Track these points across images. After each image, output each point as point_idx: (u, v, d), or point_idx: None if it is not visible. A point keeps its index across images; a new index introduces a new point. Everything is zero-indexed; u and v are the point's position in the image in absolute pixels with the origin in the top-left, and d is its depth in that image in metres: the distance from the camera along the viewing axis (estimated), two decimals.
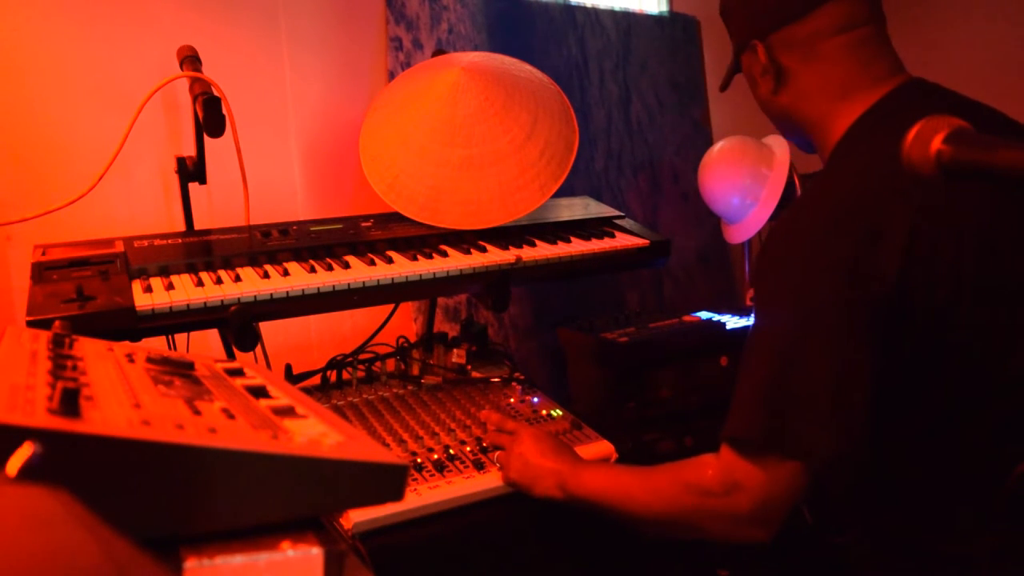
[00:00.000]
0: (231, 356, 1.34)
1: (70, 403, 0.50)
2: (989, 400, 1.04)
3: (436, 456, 1.22)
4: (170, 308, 1.13)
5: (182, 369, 0.74)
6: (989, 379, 1.02)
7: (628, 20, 2.40)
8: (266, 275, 1.25)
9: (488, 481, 1.19)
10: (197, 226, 1.51)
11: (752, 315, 1.11)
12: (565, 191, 1.60)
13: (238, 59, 1.78)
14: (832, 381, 0.96)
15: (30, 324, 1.01)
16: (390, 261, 1.35)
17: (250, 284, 1.21)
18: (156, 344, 1.15)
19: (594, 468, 1.18)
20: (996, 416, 1.05)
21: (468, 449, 1.25)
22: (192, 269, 1.27)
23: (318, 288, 1.23)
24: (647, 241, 1.57)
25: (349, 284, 1.25)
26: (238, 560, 0.51)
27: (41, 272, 1.17)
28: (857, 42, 1.08)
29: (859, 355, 0.97)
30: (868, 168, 1.02)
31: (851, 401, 0.97)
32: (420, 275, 1.32)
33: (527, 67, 1.67)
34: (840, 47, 1.08)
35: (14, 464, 0.40)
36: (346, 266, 1.31)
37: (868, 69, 1.08)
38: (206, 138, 1.35)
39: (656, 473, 1.10)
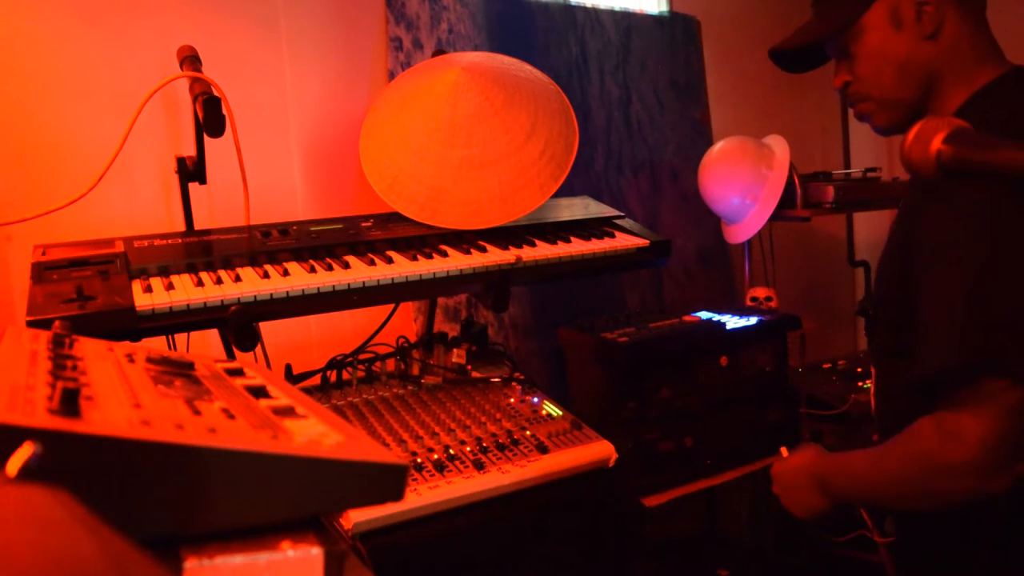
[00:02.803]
0: (231, 356, 1.34)
1: (70, 403, 0.50)
2: None
3: (436, 456, 1.22)
4: (170, 308, 1.12)
5: (182, 369, 0.74)
6: None
7: (628, 20, 2.40)
8: (266, 275, 1.25)
9: (488, 481, 1.19)
10: (197, 226, 1.51)
11: (754, 315, 1.10)
12: (565, 191, 1.60)
13: (238, 59, 1.78)
14: None
15: (30, 324, 1.01)
16: (390, 261, 1.35)
17: (250, 284, 1.21)
18: (156, 344, 1.15)
19: (842, 464, 1.20)
20: None
21: (468, 449, 1.25)
22: (192, 269, 1.27)
23: (318, 288, 1.23)
24: (647, 241, 1.56)
25: (349, 284, 1.25)
26: (238, 560, 0.51)
27: (41, 272, 1.17)
28: (986, 25, 1.17)
29: None
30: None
31: None
32: (420, 275, 1.31)
33: (527, 67, 1.67)
34: (980, 22, 1.16)
35: (14, 464, 0.40)
36: (346, 266, 1.31)
37: (993, 47, 1.16)
38: (206, 138, 1.35)
39: (884, 453, 1.10)
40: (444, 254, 1.40)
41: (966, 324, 0.97)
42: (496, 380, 1.51)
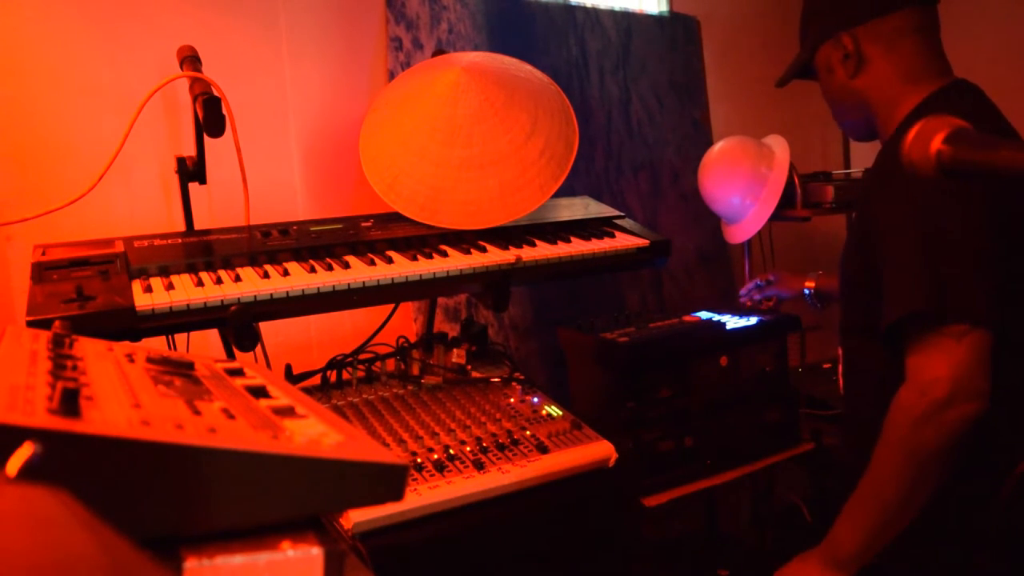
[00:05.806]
0: (231, 356, 1.34)
1: (70, 403, 0.50)
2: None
3: (436, 456, 1.22)
4: (170, 308, 1.12)
5: (182, 369, 0.74)
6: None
7: (628, 20, 2.40)
8: (266, 275, 1.25)
9: (488, 481, 1.18)
10: (197, 226, 1.51)
11: (754, 315, 1.12)
12: (565, 191, 1.60)
13: (238, 59, 1.78)
14: (979, 258, 1.11)
15: (30, 324, 1.01)
16: (390, 261, 1.35)
17: (250, 284, 1.21)
18: (156, 344, 1.15)
19: (839, 523, 1.21)
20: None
21: (468, 449, 1.25)
22: (192, 269, 1.27)
23: (318, 288, 1.23)
24: (647, 241, 1.56)
25: (349, 284, 1.25)
26: (238, 560, 0.51)
27: (41, 272, 1.17)
28: (927, 41, 1.31)
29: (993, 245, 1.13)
30: None
31: (993, 275, 1.11)
32: (420, 275, 1.31)
33: (527, 67, 1.67)
34: (915, 43, 1.30)
35: (14, 464, 0.40)
36: (346, 266, 1.31)
37: (931, 64, 1.31)
38: (206, 138, 1.35)
39: (874, 466, 1.16)
40: (444, 254, 1.40)
41: (926, 279, 1.11)
42: (496, 380, 1.51)
